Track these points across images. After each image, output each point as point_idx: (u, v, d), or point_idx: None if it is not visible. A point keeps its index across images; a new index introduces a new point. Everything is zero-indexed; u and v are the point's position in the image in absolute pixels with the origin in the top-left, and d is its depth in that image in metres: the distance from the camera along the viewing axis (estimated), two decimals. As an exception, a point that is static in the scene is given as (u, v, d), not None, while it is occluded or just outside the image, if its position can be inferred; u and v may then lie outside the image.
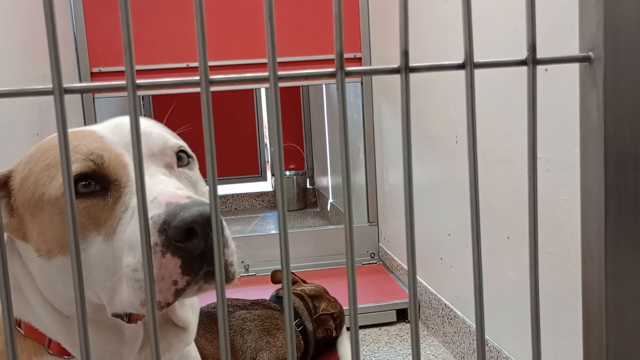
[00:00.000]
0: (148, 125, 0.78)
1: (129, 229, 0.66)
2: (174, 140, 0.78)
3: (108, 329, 0.75)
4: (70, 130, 0.75)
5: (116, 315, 0.70)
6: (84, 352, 0.36)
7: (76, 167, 0.68)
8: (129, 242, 0.65)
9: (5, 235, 0.77)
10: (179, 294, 0.63)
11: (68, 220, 0.36)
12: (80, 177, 0.68)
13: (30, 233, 0.73)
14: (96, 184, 0.69)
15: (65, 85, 0.36)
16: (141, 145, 0.36)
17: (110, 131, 0.74)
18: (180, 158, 0.77)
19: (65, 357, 0.76)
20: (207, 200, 0.65)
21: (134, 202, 0.68)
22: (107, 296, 0.68)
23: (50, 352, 0.76)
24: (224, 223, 0.65)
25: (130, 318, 0.72)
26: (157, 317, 0.75)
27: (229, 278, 0.67)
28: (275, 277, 2.09)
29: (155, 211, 0.62)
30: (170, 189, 0.66)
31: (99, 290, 0.69)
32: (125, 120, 0.76)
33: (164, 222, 0.61)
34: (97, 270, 0.68)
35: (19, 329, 0.77)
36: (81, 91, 0.38)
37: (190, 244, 0.61)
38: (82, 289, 0.37)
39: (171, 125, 0.84)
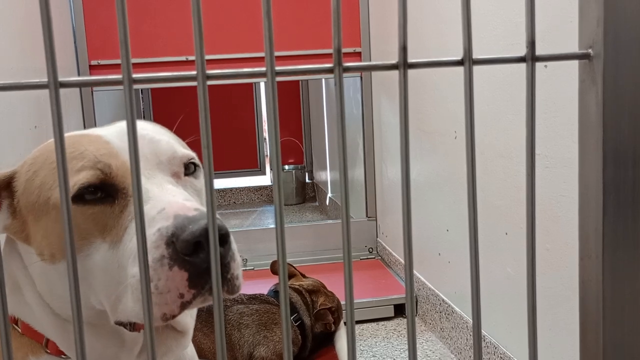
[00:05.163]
0: (157, 132, 0.77)
1: (136, 238, 0.65)
2: (183, 151, 0.76)
3: (108, 333, 0.75)
4: (76, 133, 0.74)
5: (119, 324, 0.70)
6: (80, 358, 0.36)
7: (84, 177, 0.67)
8: (136, 252, 0.64)
9: (6, 235, 0.77)
10: (184, 306, 0.62)
11: (64, 223, 0.36)
12: (88, 187, 0.67)
13: (33, 236, 0.72)
14: (103, 191, 0.68)
15: (61, 79, 0.36)
16: (137, 143, 0.36)
17: (117, 136, 0.73)
18: (187, 167, 0.76)
19: (63, 356, 0.75)
20: None
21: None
22: (110, 304, 0.68)
23: (48, 351, 0.75)
24: (232, 237, 0.65)
25: (133, 327, 0.71)
26: (154, 327, 0.75)
27: (234, 290, 0.67)
28: (274, 267, 2.10)
29: (163, 223, 0.62)
30: (178, 200, 0.65)
31: (102, 297, 0.69)
32: None
33: (172, 235, 0.61)
34: (101, 277, 0.67)
35: (16, 327, 0.76)
36: (77, 85, 0.38)
37: (198, 258, 0.61)
38: (79, 297, 0.36)
39: (172, 118, 0.84)
